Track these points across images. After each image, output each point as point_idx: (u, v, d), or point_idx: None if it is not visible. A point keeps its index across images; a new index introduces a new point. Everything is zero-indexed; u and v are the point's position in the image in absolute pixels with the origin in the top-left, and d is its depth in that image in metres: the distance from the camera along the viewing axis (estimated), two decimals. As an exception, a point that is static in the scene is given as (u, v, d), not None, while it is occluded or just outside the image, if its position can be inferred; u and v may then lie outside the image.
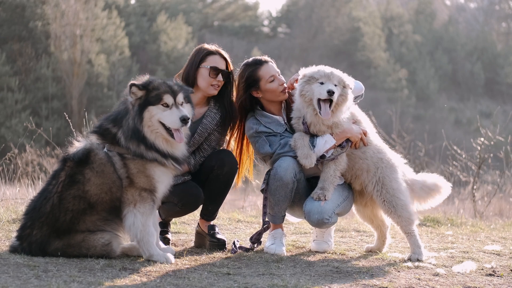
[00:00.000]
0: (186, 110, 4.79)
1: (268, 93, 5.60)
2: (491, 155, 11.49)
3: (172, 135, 4.74)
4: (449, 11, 57.91)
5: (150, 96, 4.73)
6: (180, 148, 4.86)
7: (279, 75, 5.62)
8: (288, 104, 5.67)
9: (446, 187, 5.61)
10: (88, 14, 33.19)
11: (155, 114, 4.72)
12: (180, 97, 4.79)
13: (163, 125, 4.73)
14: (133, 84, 4.74)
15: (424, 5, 52.35)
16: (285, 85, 5.62)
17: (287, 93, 5.64)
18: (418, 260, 5.26)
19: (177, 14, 41.82)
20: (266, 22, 51.82)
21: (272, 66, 5.65)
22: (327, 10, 47.56)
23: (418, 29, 49.63)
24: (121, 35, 36.28)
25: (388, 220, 5.61)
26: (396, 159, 5.56)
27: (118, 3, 40.06)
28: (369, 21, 46.61)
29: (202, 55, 5.58)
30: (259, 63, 5.64)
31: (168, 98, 4.74)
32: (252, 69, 5.62)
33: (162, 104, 4.73)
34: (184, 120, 4.71)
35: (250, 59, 5.71)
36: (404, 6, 53.50)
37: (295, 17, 49.07)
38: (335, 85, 5.21)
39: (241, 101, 5.66)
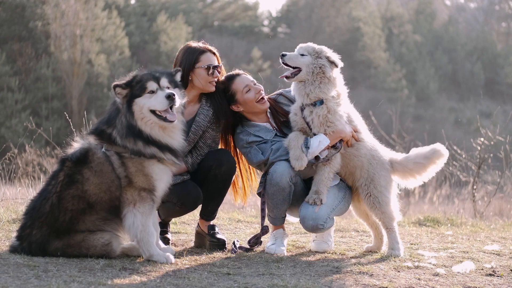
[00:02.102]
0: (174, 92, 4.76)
1: (247, 105, 5.58)
2: (491, 155, 11.49)
3: (164, 119, 4.73)
4: (449, 11, 57.86)
5: (135, 89, 4.74)
6: (177, 137, 4.86)
7: (254, 84, 5.60)
8: (274, 113, 5.66)
9: (443, 149, 5.57)
10: (88, 14, 33.15)
11: (143, 104, 4.72)
12: (164, 81, 4.80)
13: (154, 113, 4.73)
14: (116, 86, 4.76)
15: (424, 5, 52.28)
16: (262, 92, 5.59)
17: (267, 102, 5.61)
18: (396, 255, 5.36)
19: (177, 14, 41.76)
20: (266, 22, 51.77)
21: (245, 77, 5.64)
22: (327, 10, 47.51)
23: (418, 29, 49.57)
24: (121, 35, 36.24)
25: None
26: (386, 154, 5.58)
27: (118, 3, 40.02)
28: (369, 21, 46.55)
29: (195, 56, 5.57)
30: (231, 78, 5.64)
31: (151, 85, 4.75)
32: (226, 86, 5.62)
33: (148, 93, 4.74)
34: (169, 97, 4.70)
35: (223, 77, 5.69)
36: (404, 6, 53.45)
37: (295, 17, 49.01)
38: (301, 54, 5.34)
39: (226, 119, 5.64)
